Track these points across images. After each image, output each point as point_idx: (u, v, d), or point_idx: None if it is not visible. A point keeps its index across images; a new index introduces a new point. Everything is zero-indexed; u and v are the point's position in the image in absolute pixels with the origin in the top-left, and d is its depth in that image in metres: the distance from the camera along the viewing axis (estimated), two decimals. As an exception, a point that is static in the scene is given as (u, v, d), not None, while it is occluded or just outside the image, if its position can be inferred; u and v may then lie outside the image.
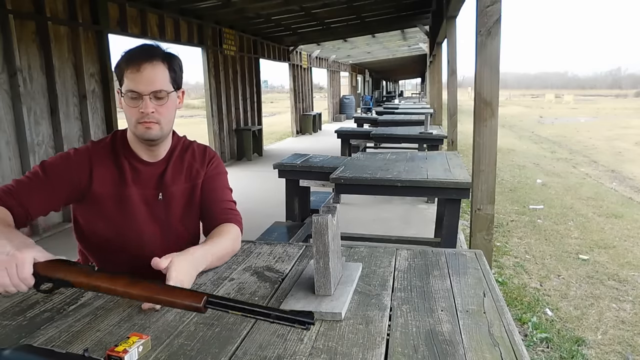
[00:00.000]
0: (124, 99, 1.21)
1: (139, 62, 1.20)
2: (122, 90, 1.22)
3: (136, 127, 1.23)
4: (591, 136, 15.63)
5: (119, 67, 1.22)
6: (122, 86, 1.22)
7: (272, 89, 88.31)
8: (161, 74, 1.21)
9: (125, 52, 1.23)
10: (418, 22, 9.95)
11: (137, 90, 1.19)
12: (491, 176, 2.40)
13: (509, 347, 0.85)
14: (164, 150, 1.34)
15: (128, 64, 1.20)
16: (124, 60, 1.21)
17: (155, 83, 1.21)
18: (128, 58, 1.21)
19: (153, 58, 1.21)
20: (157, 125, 1.23)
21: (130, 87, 1.19)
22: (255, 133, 9.32)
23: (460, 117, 6.86)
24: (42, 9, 4.33)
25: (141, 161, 1.31)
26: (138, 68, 1.19)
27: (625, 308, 3.02)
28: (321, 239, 1.02)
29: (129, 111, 1.22)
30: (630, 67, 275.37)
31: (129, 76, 1.20)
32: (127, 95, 1.20)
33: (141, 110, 1.20)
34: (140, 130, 1.23)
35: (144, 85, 1.20)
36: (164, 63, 1.22)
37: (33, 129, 4.25)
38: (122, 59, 1.22)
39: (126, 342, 0.83)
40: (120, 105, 1.25)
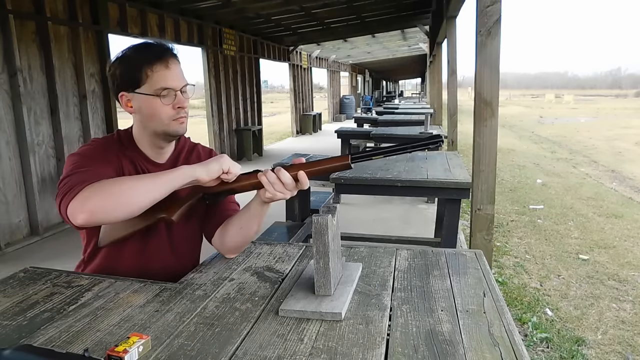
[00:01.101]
0: (155, 98, 1.17)
1: (165, 58, 1.18)
2: (143, 91, 1.18)
3: (169, 124, 1.21)
4: (591, 136, 15.64)
5: (135, 67, 1.17)
6: (144, 86, 1.17)
7: (272, 89, 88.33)
8: (181, 68, 1.23)
9: (135, 52, 1.20)
10: (418, 22, 9.96)
11: (171, 87, 1.18)
12: (491, 176, 2.40)
13: (509, 347, 0.85)
14: (171, 149, 1.34)
15: (152, 62, 1.17)
16: (145, 59, 1.17)
17: (183, 78, 1.22)
18: (150, 56, 1.17)
19: (173, 54, 1.21)
20: (186, 119, 1.25)
21: (162, 84, 1.17)
22: (255, 133, 9.32)
23: (460, 117, 6.86)
24: (42, 9, 4.33)
25: (150, 162, 1.30)
26: (167, 64, 1.18)
27: (625, 308, 3.02)
28: (321, 239, 1.02)
29: (160, 110, 1.18)
30: (630, 67, 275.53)
31: (156, 74, 1.17)
32: (161, 94, 1.17)
33: (178, 106, 1.19)
34: (175, 127, 1.22)
35: (176, 80, 1.19)
36: (177, 58, 1.23)
37: (33, 129, 4.26)
38: (138, 58, 1.18)
39: (126, 342, 0.83)
40: (128, 108, 1.21)
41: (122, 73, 1.19)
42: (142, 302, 1.06)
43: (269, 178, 1.11)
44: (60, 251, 3.90)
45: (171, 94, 1.18)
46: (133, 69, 1.18)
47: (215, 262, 1.31)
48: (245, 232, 1.27)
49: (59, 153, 4.55)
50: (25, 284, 1.17)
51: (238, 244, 1.30)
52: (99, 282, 1.17)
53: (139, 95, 1.18)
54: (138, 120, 1.25)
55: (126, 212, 1.04)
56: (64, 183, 1.07)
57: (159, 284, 1.16)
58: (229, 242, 1.30)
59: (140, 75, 1.17)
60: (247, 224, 1.25)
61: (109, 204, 1.01)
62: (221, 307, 1.03)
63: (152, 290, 1.12)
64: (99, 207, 1.00)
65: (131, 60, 1.19)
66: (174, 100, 1.19)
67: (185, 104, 1.21)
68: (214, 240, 1.33)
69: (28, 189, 4.23)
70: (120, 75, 1.20)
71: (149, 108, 1.19)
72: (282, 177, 1.10)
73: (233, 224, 1.28)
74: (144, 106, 1.19)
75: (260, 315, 0.99)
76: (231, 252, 1.33)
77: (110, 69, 1.22)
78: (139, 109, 1.21)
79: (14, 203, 4.13)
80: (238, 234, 1.27)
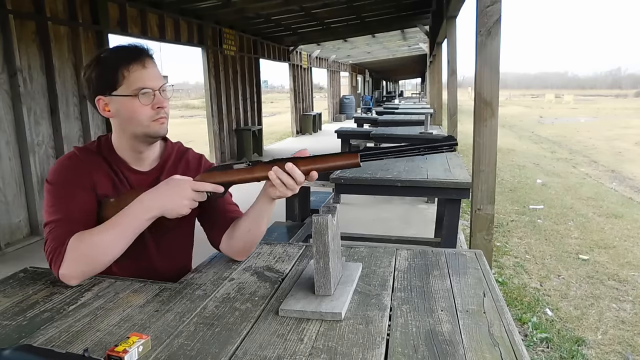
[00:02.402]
0: (133, 99, 1.14)
1: (141, 58, 1.16)
2: (120, 93, 1.15)
3: (149, 125, 1.17)
4: (591, 136, 15.64)
5: (111, 69, 1.14)
6: (121, 88, 1.15)
7: (272, 89, 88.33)
8: (158, 69, 1.21)
9: (109, 53, 1.17)
10: (418, 22, 9.96)
11: (149, 87, 1.15)
12: (491, 176, 2.40)
13: (509, 347, 0.85)
14: (154, 154, 1.29)
15: (129, 62, 1.14)
16: (122, 60, 1.14)
17: (160, 78, 1.19)
18: (126, 57, 1.15)
19: (149, 54, 1.18)
20: (167, 120, 1.21)
21: (139, 84, 1.14)
22: (255, 133, 9.32)
23: (460, 117, 6.86)
24: (42, 9, 4.33)
25: (131, 170, 1.25)
26: (143, 64, 1.15)
27: (625, 308, 3.02)
28: (321, 239, 1.02)
29: (139, 111, 1.15)
30: (630, 67, 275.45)
31: (133, 75, 1.14)
32: (139, 94, 1.14)
33: (157, 106, 1.17)
34: (155, 128, 1.18)
35: (153, 80, 1.17)
36: (153, 58, 1.21)
37: (33, 129, 4.26)
38: (114, 59, 1.15)
39: (126, 342, 0.83)
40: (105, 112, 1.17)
41: (97, 76, 1.16)
42: (142, 302, 1.06)
43: (282, 179, 1.08)
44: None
45: (149, 94, 1.15)
46: (109, 71, 1.15)
47: (215, 262, 1.31)
48: (254, 233, 1.24)
49: (59, 153, 4.55)
50: (25, 284, 1.17)
51: (248, 245, 1.27)
52: (99, 282, 1.17)
53: (117, 98, 1.15)
54: (117, 124, 1.21)
55: (109, 262, 1.14)
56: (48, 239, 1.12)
57: (159, 284, 1.16)
58: (238, 246, 1.27)
59: (116, 76, 1.14)
60: (256, 224, 1.23)
61: (92, 267, 1.12)
62: (221, 307, 1.03)
63: (152, 290, 1.12)
64: (86, 272, 1.12)
65: (106, 62, 1.16)
66: (153, 100, 1.16)
67: (164, 104, 1.18)
68: (221, 246, 1.30)
69: (28, 189, 4.23)
70: (96, 78, 1.16)
71: (127, 110, 1.16)
72: (295, 176, 1.08)
73: (240, 227, 1.25)
74: (122, 108, 1.16)
75: (260, 315, 0.99)
76: (241, 255, 1.30)
77: (85, 74, 1.18)
78: (117, 112, 1.17)
79: (14, 203, 4.13)
80: (247, 236, 1.24)
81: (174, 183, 1.12)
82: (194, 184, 1.12)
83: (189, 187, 1.11)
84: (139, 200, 1.12)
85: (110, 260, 1.13)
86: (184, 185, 1.12)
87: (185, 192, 1.11)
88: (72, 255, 1.08)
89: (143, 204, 1.11)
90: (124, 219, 1.11)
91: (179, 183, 1.12)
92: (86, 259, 1.09)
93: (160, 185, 1.14)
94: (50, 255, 1.10)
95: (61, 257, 1.09)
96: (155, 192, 1.12)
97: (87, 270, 1.11)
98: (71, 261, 1.08)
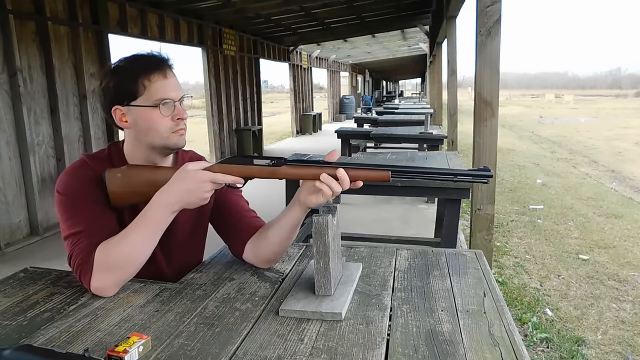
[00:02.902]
0: (153, 110, 1.11)
1: (162, 68, 1.13)
2: (140, 103, 1.11)
3: (169, 137, 1.14)
4: (591, 136, 15.64)
5: (131, 78, 1.11)
6: (141, 98, 1.11)
7: (272, 89, 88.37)
8: (177, 78, 1.19)
9: (129, 62, 1.14)
10: (418, 22, 9.96)
11: (170, 97, 1.12)
12: (491, 176, 2.40)
13: (509, 347, 0.85)
14: (167, 164, 1.24)
15: (150, 72, 1.11)
16: (142, 69, 1.11)
17: (180, 88, 1.16)
18: (147, 66, 1.12)
19: (169, 64, 1.16)
20: (185, 131, 1.18)
21: (160, 95, 1.11)
22: (255, 133, 9.32)
23: (460, 117, 6.87)
24: (42, 9, 4.33)
25: None
26: (164, 74, 1.13)
27: (625, 308, 3.02)
28: (321, 239, 1.02)
29: (159, 122, 1.12)
30: (630, 67, 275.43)
31: (154, 84, 1.11)
32: (160, 104, 1.11)
33: (178, 117, 1.14)
34: (174, 140, 1.15)
35: (174, 91, 1.14)
36: (173, 68, 1.18)
37: (33, 129, 4.26)
38: (134, 69, 1.12)
39: (126, 342, 0.83)
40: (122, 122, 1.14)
41: (116, 85, 1.12)
42: (142, 302, 1.06)
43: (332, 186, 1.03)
44: (60, 251, 3.88)
45: (170, 105, 1.13)
46: (128, 80, 1.11)
47: (215, 262, 1.31)
48: (286, 244, 1.21)
49: (59, 153, 4.55)
50: (25, 284, 1.17)
51: (278, 255, 1.24)
52: (99, 282, 1.16)
53: (135, 108, 1.12)
54: (132, 135, 1.17)
55: (141, 265, 1.11)
56: (73, 254, 1.08)
57: (159, 284, 1.16)
58: (267, 256, 1.23)
59: (136, 86, 1.11)
60: (288, 235, 1.18)
61: (126, 273, 1.09)
62: (221, 307, 1.03)
63: (152, 290, 1.12)
64: (120, 279, 1.09)
65: (126, 71, 1.12)
66: (173, 111, 1.13)
67: (184, 115, 1.16)
68: (245, 256, 1.25)
69: (28, 189, 4.23)
70: (114, 88, 1.13)
71: (146, 121, 1.12)
72: (344, 184, 1.03)
73: (270, 238, 1.19)
74: (141, 119, 1.13)
75: (260, 315, 0.99)
76: (269, 264, 1.26)
77: (102, 83, 1.15)
78: (135, 122, 1.14)
79: (14, 203, 4.13)
80: (278, 247, 1.21)
81: (191, 178, 1.06)
82: (212, 177, 1.06)
83: (208, 180, 1.06)
84: (158, 198, 1.08)
85: (142, 262, 1.10)
86: (202, 178, 1.06)
87: (205, 186, 1.06)
88: (102, 267, 1.05)
89: (164, 201, 1.07)
90: (148, 218, 1.07)
91: (197, 177, 1.06)
92: (118, 267, 1.06)
93: (177, 179, 1.07)
94: (79, 271, 1.07)
95: (90, 271, 1.05)
96: (174, 188, 1.07)
97: (121, 278, 1.08)
98: (103, 273, 1.05)
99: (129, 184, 1.12)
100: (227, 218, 1.29)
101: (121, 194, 1.13)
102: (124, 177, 1.12)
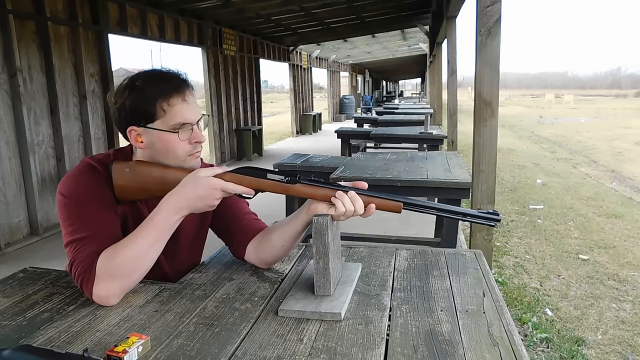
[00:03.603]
0: (170, 134, 1.08)
1: (182, 90, 1.10)
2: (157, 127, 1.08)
3: (185, 160, 1.12)
4: (591, 136, 15.64)
5: (149, 101, 1.07)
6: (158, 121, 1.08)
7: (272, 89, 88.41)
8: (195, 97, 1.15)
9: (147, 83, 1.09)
10: (418, 22, 9.95)
11: (190, 121, 1.10)
12: (491, 176, 2.41)
13: (508, 347, 0.85)
14: None
15: (169, 95, 1.08)
16: (160, 92, 1.08)
17: (198, 109, 1.13)
18: (166, 88, 1.08)
19: (189, 84, 1.12)
20: (201, 152, 1.17)
21: (179, 119, 1.08)
22: (255, 133, 9.32)
23: (460, 117, 6.86)
24: (42, 9, 4.33)
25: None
26: (184, 97, 1.09)
27: (625, 308, 3.02)
28: (321, 239, 1.03)
29: (177, 146, 1.10)
30: (630, 67, 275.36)
31: (173, 108, 1.08)
32: (180, 128, 1.09)
33: (195, 141, 1.12)
34: (191, 162, 1.13)
35: (193, 114, 1.11)
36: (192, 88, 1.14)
37: (33, 129, 4.26)
38: (152, 90, 1.08)
39: (126, 343, 0.83)
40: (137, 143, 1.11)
41: (133, 106, 1.08)
42: (142, 302, 1.06)
43: (346, 207, 1.02)
44: (60, 251, 3.88)
45: (188, 128, 1.10)
46: (146, 102, 1.07)
47: (214, 263, 1.31)
48: (288, 248, 1.21)
49: (59, 153, 4.56)
50: (25, 284, 1.17)
51: (279, 258, 1.25)
52: (99, 282, 1.16)
53: (152, 131, 1.09)
54: (147, 154, 1.14)
55: (146, 271, 1.08)
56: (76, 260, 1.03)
57: (159, 284, 1.16)
58: (269, 259, 1.24)
59: (154, 109, 1.08)
60: (292, 241, 1.18)
61: (132, 279, 1.06)
62: (221, 307, 1.03)
63: (152, 291, 1.12)
64: (126, 286, 1.06)
65: (144, 93, 1.08)
66: (191, 134, 1.11)
67: (202, 139, 1.13)
68: (247, 257, 1.26)
69: (28, 189, 4.23)
70: (130, 108, 1.09)
71: (163, 144, 1.10)
72: (357, 207, 1.03)
73: (273, 242, 1.19)
74: (158, 141, 1.10)
75: (259, 315, 0.99)
76: (269, 265, 1.27)
77: (117, 101, 1.09)
78: (151, 144, 1.11)
79: (14, 203, 4.13)
80: (280, 251, 1.21)
81: (204, 184, 1.05)
82: (224, 186, 1.06)
83: (219, 189, 1.05)
84: (168, 201, 1.06)
85: (147, 269, 1.07)
86: (214, 185, 1.05)
87: (216, 194, 1.06)
88: (106, 273, 1.01)
89: (173, 204, 1.06)
90: (156, 223, 1.05)
91: (209, 184, 1.05)
92: (123, 273, 1.02)
93: (189, 184, 1.06)
94: (81, 278, 1.03)
95: (92, 278, 1.01)
96: (185, 193, 1.06)
97: (125, 284, 1.05)
98: (107, 279, 1.01)
99: (135, 180, 1.10)
100: (228, 221, 1.29)
101: (127, 189, 1.10)
102: (132, 172, 1.11)
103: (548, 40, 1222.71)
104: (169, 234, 1.08)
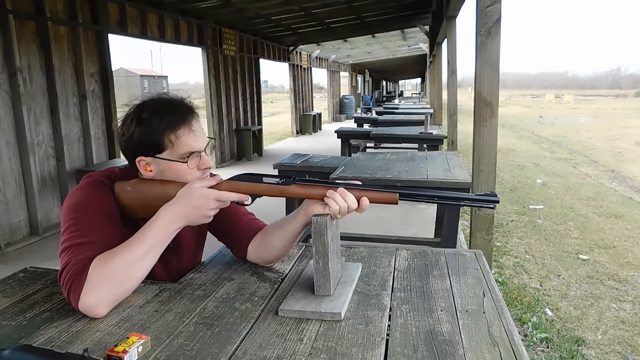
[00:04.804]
0: (179, 164, 1.11)
1: (188, 120, 1.11)
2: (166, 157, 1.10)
3: None
4: (591, 136, 15.64)
5: (157, 133, 1.09)
6: (166, 152, 1.10)
7: (272, 89, 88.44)
8: (200, 123, 1.16)
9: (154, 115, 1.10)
10: (418, 22, 9.95)
11: (198, 149, 1.12)
12: (491, 176, 2.41)
13: (508, 347, 0.85)
14: None
15: (176, 127, 1.10)
16: (167, 124, 1.09)
17: (204, 135, 1.15)
18: (172, 120, 1.10)
19: (194, 111, 1.14)
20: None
21: (187, 149, 1.11)
22: (255, 133, 9.32)
23: (460, 117, 6.87)
24: (42, 9, 4.33)
25: None
26: (190, 127, 1.12)
27: (625, 308, 3.02)
28: (321, 239, 1.03)
29: (187, 173, 1.12)
30: (630, 67, 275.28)
31: (181, 140, 1.10)
32: (188, 158, 1.11)
33: (203, 168, 1.14)
34: None
35: (200, 142, 1.13)
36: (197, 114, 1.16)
37: (33, 129, 4.25)
38: (159, 123, 1.09)
39: (126, 342, 0.83)
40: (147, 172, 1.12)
41: (141, 138, 1.10)
42: (142, 302, 1.06)
43: (337, 201, 1.04)
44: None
45: (196, 156, 1.13)
46: (154, 135, 1.10)
47: (214, 262, 1.31)
48: (289, 248, 1.23)
49: (59, 153, 4.55)
50: (25, 284, 1.17)
51: (279, 257, 1.26)
52: (99, 282, 1.16)
53: (161, 160, 1.11)
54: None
55: (140, 280, 1.06)
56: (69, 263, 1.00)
57: (159, 284, 1.16)
58: (270, 258, 1.25)
59: (162, 141, 1.10)
60: (292, 241, 1.20)
61: (125, 287, 1.03)
62: (221, 307, 1.03)
63: (152, 290, 1.12)
64: (118, 295, 1.02)
65: (151, 125, 1.10)
66: (200, 161, 1.14)
67: (210, 164, 1.16)
68: (249, 256, 1.27)
69: (28, 189, 4.23)
70: (139, 140, 1.10)
71: (173, 172, 1.12)
72: (348, 201, 1.05)
73: (274, 242, 1.21)
74: (167, 170, 1.12)
75: (259, 315, 0.99)
76: (271, 263, 1.29)
77: (125, 133, 1.11)
78: (161, 172, 1.13)
79: (14, 203, 4.13)
80: (281, 251, 1.23)
81: (197, 195, 1.06)
82: (218, 195, 1.07)
83: (213, 198, 1.07)
84: (163, 212, 1.07)
85: (140, 278, 1.05)
86: (207, 196, 1.06)
87: (210, 204, 1.07)
88: (98, 279, 0.97)
89: (168, 215, 1.06)
90: (153, 230, 1.05)
91: (202, 194, 1.06)
92: (115, 280, 0.99)
93: (182, 196, 1.07)
94: (70, 282, 0.97)
95: (82, 284, 0.96)
96: (179, 204, 1.07)
97: (118, 293, 1.01)
98: (99, 285, 0.97)
99: (138, 197, 1.12)
100: (227, 226, 1.29)
101: (130, 207, 1.12)
102: (134, 190, 1.12)
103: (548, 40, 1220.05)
104: (166, 243, 1.08)
